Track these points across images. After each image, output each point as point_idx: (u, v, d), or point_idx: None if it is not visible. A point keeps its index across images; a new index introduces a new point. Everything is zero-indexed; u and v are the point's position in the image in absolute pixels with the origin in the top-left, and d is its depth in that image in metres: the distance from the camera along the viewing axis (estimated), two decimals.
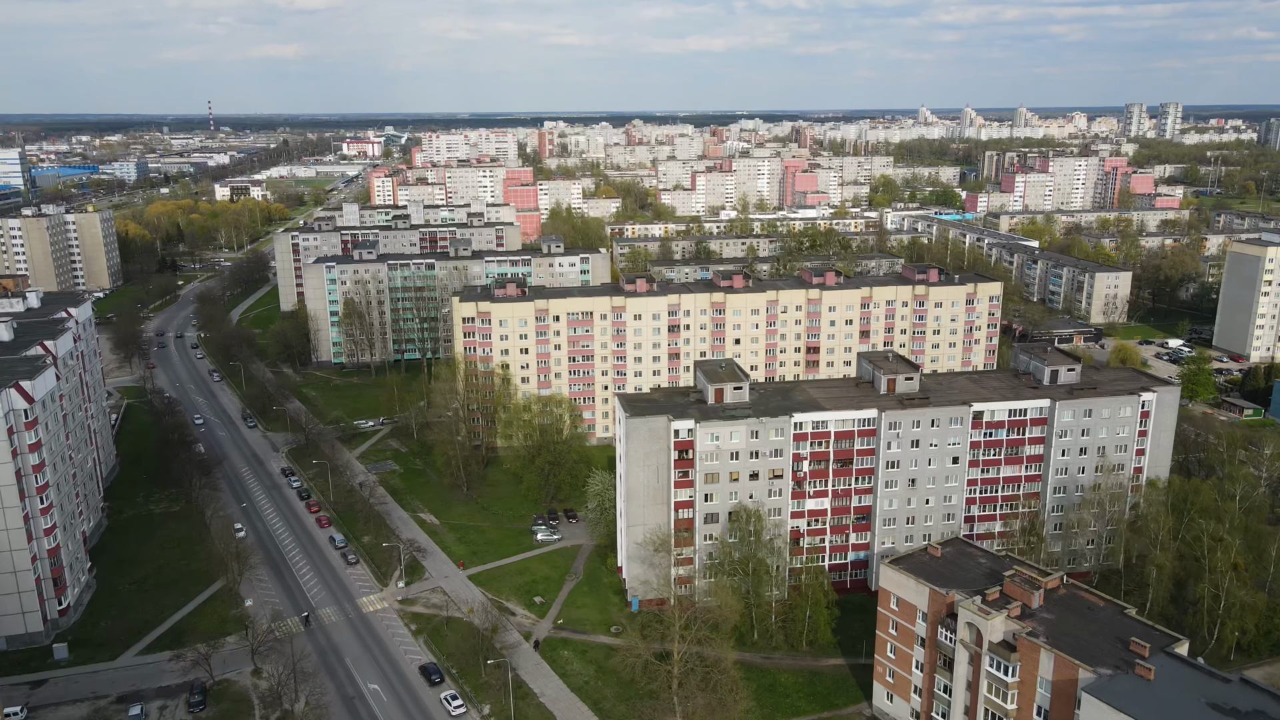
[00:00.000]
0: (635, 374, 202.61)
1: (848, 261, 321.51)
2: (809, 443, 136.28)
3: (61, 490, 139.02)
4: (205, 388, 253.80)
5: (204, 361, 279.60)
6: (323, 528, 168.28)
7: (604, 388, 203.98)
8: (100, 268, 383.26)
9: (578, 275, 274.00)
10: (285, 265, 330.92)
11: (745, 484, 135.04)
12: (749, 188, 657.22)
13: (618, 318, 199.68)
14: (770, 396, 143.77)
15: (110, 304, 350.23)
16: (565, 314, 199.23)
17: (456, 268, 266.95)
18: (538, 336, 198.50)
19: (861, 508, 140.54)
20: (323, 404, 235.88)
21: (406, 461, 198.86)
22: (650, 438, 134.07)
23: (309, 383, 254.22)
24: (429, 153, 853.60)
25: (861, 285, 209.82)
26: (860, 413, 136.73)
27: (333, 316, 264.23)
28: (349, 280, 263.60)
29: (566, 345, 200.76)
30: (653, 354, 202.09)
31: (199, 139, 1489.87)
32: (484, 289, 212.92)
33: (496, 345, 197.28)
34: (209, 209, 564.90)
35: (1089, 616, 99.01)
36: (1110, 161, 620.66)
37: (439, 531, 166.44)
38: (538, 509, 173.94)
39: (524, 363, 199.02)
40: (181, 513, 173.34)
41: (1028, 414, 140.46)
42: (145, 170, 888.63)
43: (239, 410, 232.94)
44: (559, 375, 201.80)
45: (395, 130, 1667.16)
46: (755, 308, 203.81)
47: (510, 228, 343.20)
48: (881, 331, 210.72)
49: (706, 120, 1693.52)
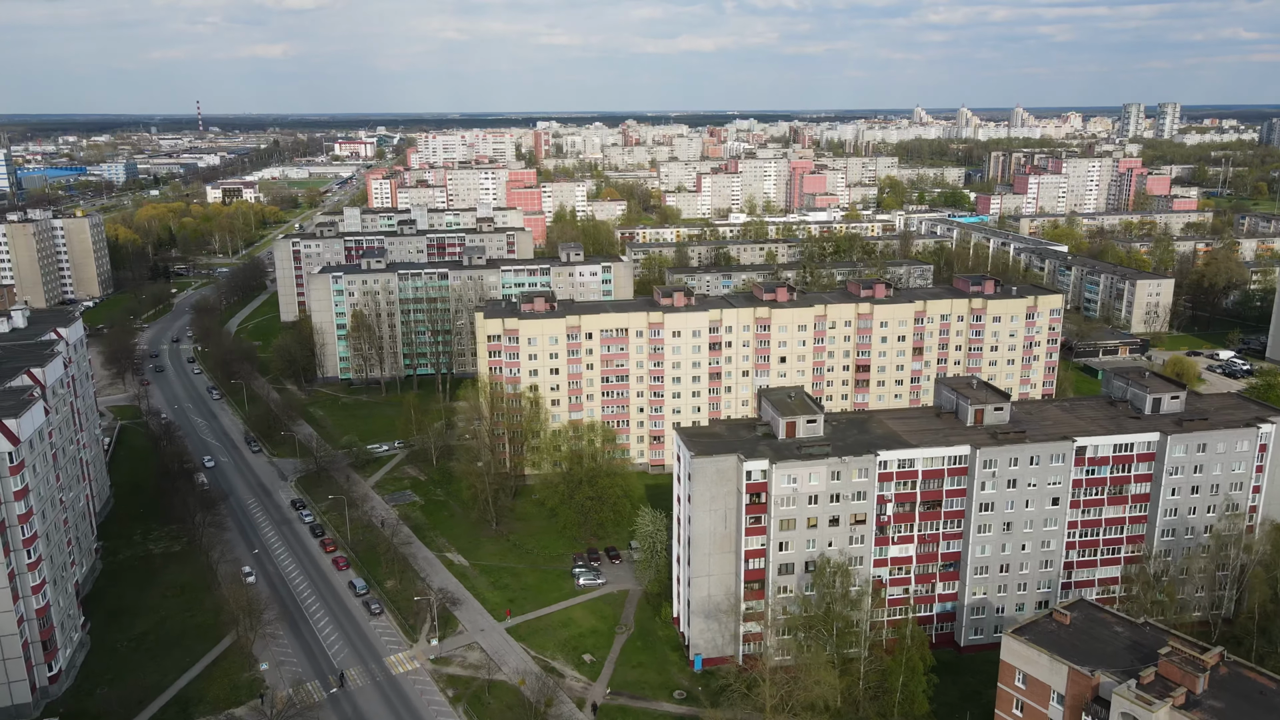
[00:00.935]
0: (674, 395, 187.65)
1: (876, 269, 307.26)
2: (894, 483, 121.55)
3: (51, 540, 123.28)
4: (204, 407, 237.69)
5: (201, 377, 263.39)
6: (340, 570, 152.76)
7: (639, 410, 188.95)
8: (90, 275, 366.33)
9: (599, 285, 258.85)
10: (285, 273, 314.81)
11: (824, 531, 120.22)
12: (755, 189, 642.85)
13: (655, 335, 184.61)
14: (846, 430, 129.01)
15: (101, 314, 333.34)
16: (599, 331, 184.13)
17: (471, 277, 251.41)
18: (569, 355, 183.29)
19: (950, 554, 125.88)
20: (332, 425, 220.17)
21: (427, 491, 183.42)
22: (718, 480, 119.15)
23: (315, 401, 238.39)
24: (425, 153, 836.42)
25: (914, 299, 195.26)
26: (951, 449, 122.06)
27: (340, 330, 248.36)
28: (357, 291, 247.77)
29: (599, 365, 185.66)
30: (692, 374, 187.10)
31: (188, 139, 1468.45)
32: (509, 303, 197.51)
33: (525, 365, 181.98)
34: (201, 212, 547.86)
35: (1262, 703, 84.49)
36: (1124, 163, 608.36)
37: (469, 574, 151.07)
38: (575, 547, 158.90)
39: (554, 384, 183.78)
40: (184, 553, 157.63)
41: (1134, 449, 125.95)
42: (134, 171, 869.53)
43: (242, 433, 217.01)
44: (591, 397, 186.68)
45: (387, 131, 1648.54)
46: (802, 323, 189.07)
47: (521, 233, 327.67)
48: (935, 348, 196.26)
49: (698, 120, 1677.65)
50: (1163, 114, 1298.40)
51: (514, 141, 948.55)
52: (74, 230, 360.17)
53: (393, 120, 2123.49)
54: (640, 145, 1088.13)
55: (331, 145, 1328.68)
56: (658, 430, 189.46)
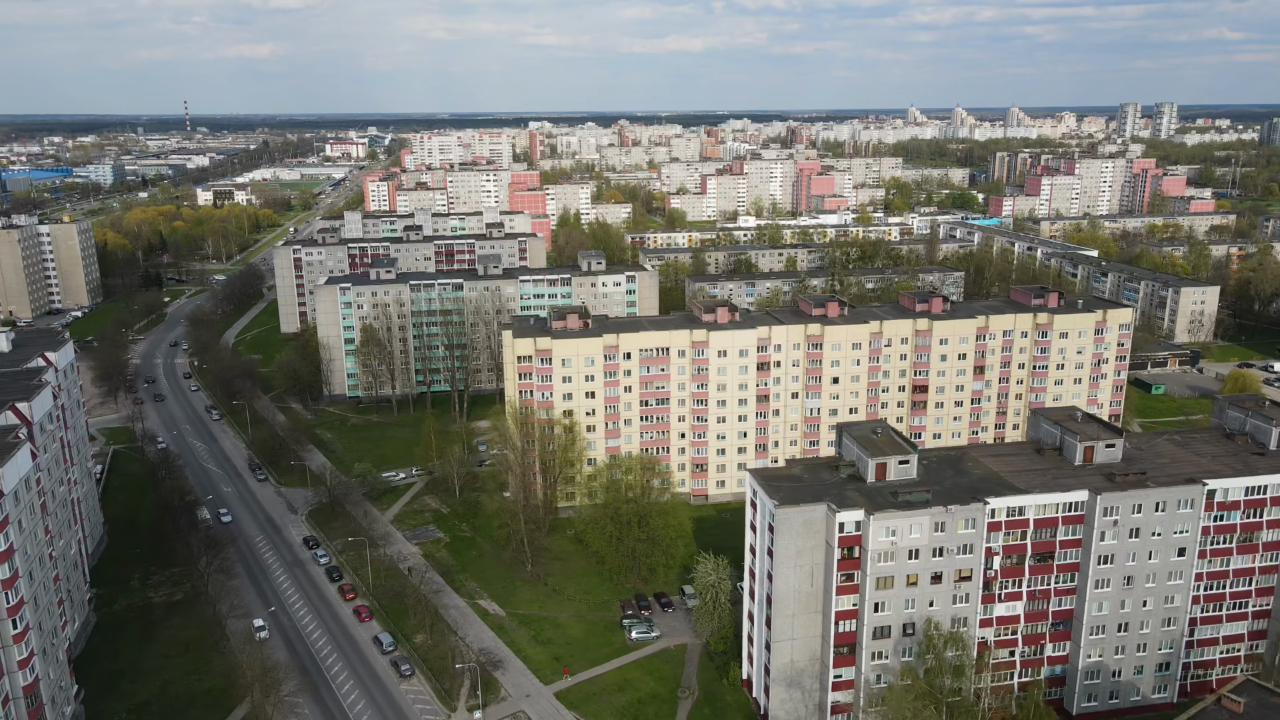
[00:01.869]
0: (718, 419, 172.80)
1: (906, 275, 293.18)
2: (1002, 534, 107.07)
3: (40, 603, 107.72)
4: (203, 428, 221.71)
5: (199, 395, 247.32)
6: (363, 622, 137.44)
7: (680, 435, 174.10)
8: (78, 283, 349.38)
9: (622, 297, 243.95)
10: (286, 282, 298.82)
11: (925, 589, 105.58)
12: (761, 191, 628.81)
13: (698, 354, 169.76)
14: (939, 470, 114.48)
15: (90, 324, 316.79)
16: (638, 351, 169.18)
17: (488, 288, 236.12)
18: (606, 378, 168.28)
19: (1062, 612, 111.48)
20: (342, 449, 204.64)
21: (451, 526, 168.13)
22: (806, 532, 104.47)
23: (323, 422, 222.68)
24: (420, 154, 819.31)
25: (974, 314, 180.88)
26: (1067, 495, 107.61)
27: (348, 345, 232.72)
28: (366, 303, 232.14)
29: (638, 387, 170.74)
30: (738, 396, 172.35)
31: (176, 140, 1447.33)
32: (537, 320, 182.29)
33: (558, 389, 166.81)
34: (193, 215, 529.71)
35: None
36: (1138, 163, 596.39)
37: (507, 627, 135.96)
38: (621, 592, 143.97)
39: (589, 408, 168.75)
40: (187, 602, 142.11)
41: (1268, 492, 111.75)
42: (122, 173, 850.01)
43: (245, 458, 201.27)
44: (629, 422, 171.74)
45: (379, 131, 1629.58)
46: (857, 341, 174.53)
47: (533, 240, 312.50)
48: (997, 366, 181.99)
49: (688, 120, 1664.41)
50: (1159, 114, 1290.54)
51: (510, 142, 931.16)
52: (61, 237, 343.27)
53: (382, 120, 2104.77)
54: (637, 146, 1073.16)
55: (322, 146, 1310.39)
56: (700, 458, 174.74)
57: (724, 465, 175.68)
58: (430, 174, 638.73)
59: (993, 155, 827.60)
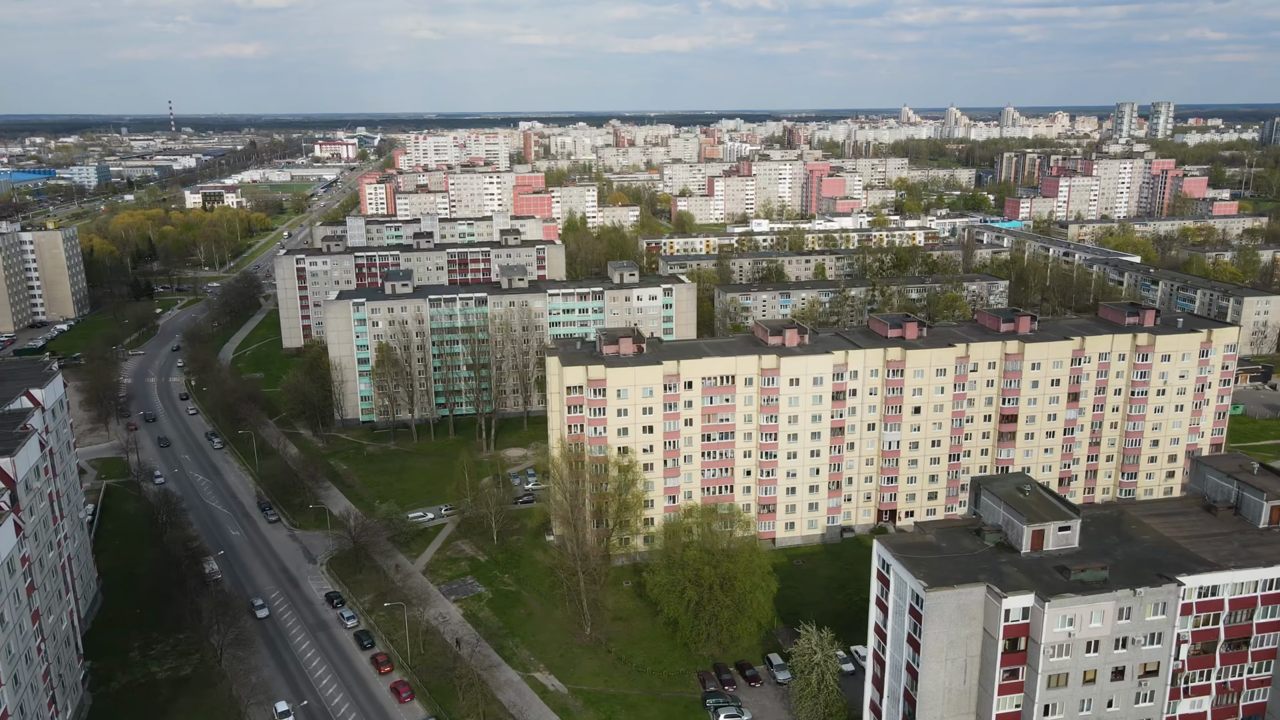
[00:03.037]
0: (788, 455, 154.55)
1: (951, 284, 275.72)
2: (1193, 618, 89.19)
3: (27, 712, 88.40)
4: (204, 459, 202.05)
5: (198, 419, 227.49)
6: (403, 702, 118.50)
7: (745, 473, 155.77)
8: (64, 294, 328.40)
9: (658, 312, 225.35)
10: (289, 294, 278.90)
11: (1105, 687, 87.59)
12: (769, 193, 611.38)
13: (768, 383, 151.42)
14: (1100, 536, 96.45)
15: (77, 338, 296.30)
16: (700, 379, 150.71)
17: (514, 303, 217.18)
18: (666, 410, 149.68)
19: (1254, 706, 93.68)
20: (360, 483, 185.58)
21: (492, 578, 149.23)
22: (959, 619, 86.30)
23: (336, 451, 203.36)
24: (415, 155, 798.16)
25: (1067, 334, 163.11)
26: (1269, 571, 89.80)
27: (361, 366, 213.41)
28: (381, 320, 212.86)
29: (700, 420, 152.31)
30: (811, 429, 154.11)
31: (160, 140, 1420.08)
32: (585, 344, 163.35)
33: (612, 423, 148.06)
34: (182, 220, 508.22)
35: None
36: (1158, 164, 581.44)
37: (571, 708, 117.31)
38: (697, 661, 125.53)
39: (647, 444, 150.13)
40: (196, 678, 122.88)
41: None
42: (107, 175, 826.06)
43: (253, 494, 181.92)
44: (689, 458, 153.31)
45: (368, 131, 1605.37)
46: (941, 366, 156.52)
47: (552, 247, 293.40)
48: (1091, 393, 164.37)
49: (678, 120, 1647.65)
50: (1156, 113, 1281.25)
51: (506, 142, 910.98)
52: (45, 245, 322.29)
53: (369, 120, 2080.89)
54: (634, 146, 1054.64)
55: (311, 146, 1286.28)
56: (768, 498, 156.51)
57: (793, 506, 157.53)
58: (428, 175, 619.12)
59: (998, 155, 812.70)
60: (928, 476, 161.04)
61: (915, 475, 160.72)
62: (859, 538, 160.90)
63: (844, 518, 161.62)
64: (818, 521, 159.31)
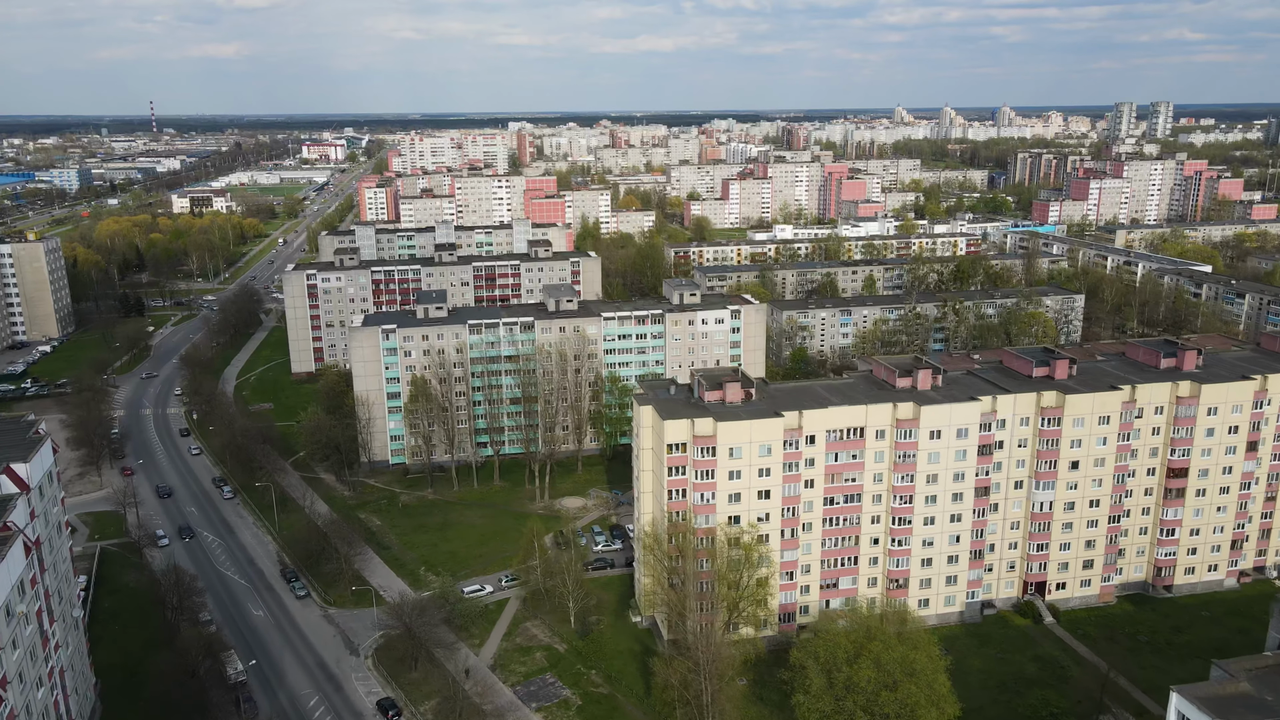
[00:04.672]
0: (925, 520, 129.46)
1: (1029, 301, 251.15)
2: None
3: None
4: (214, 512, 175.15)
5: (202, 460, 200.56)
6: None
7: (872, 542, 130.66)
8: (46, 311, 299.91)
9: (724, 337, 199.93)
10: (298, 313, 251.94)
11: None
12: (786, 196, 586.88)
13: (904, 436, 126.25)
14: None
15: (62, 361, 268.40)
16: (824, 433, 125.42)
17: (563, 328, 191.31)
18: (786, 471, 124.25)
19: None
20: (399, 543, 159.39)
21: (576, 674, 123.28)
22: None
23: (366, 501, 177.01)
24: (410, 157, 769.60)
25: (1242, 372, 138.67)
26: None
27: (392, 401, 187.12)
28: (415, 350, 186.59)
29: (822, 480, 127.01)
30: (952, 489, 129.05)
31: (142, 141, 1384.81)
32: (679, 389, 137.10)
33: (723, 488, 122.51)
34: (171, 226, 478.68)
35: None
36: (1190, 165, 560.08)
37: None
38: None
39: (762, 511, 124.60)
40: None
41: None
42: (88, 178, 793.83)
43: (274, 559, 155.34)
44: (808, 526, 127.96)
45: (355, 132, 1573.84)
46: (1105, 413, 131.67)
47: (588, 260, 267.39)
48: (1270, 440, 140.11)
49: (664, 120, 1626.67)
50: (1155, 113, 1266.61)
51: (505, 144, 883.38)
52: (25, 258, 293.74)
53: (353, 121, 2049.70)
54: (634, 147, 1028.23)
55: (298, 148, 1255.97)
56: (899, 570, 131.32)
57: (928, 579, 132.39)
58: (429, 179, 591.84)
59: (1010, 156, 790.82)
60: (1083, 542, 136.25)
61: (1069, 541, 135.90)
62: (1001, 614, 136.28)
63: (984, 591, 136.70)
64: (956, 597, 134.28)
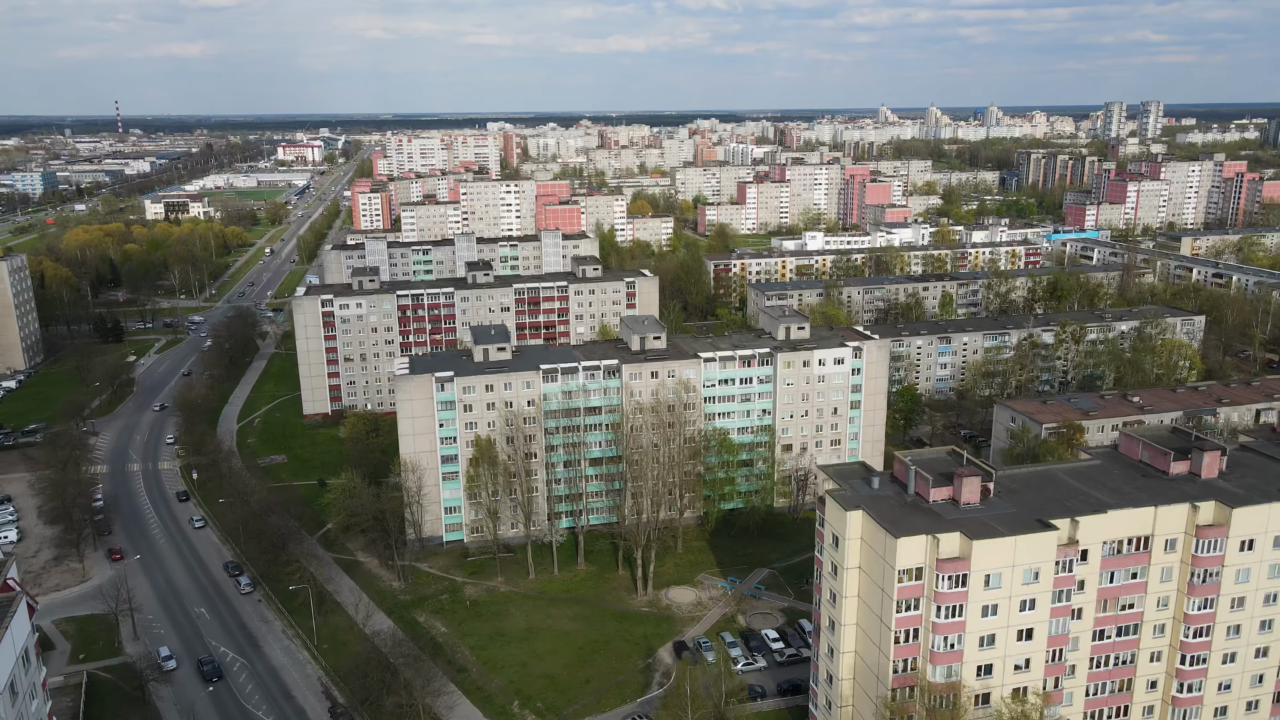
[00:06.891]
0: (1224, 657, 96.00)
1: (1152, 327, 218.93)
2: None
3: None
4: (231, 615, 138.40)
5: (205, 534, 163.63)
6: None
7: (1149, 686, 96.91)
8: (12, 340, 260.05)
9: (846, 380, 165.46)
10: (311, 345, 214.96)
11: None
12: (806, 200, 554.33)
13: (1206, 550, 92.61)
14: None
15: (31, 401, 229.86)
16: (1099, 545, 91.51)
17: (655, 373, 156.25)
18: (1054, 602, 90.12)
19: None
20: (477, 662, 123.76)
21: None
22: None
23: (423, 596, 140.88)
24: (397, 158, 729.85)
25: None
26: None
27: (446, 467, 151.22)
28: (476, 403, 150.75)
29: (1093, 611, 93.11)
30: (1262, 614, 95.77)
31: (108, 142, 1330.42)
32: (881, 480, 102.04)
33: (974, 628, 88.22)
34: (146, 235, 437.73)
35: None
36: (1230, 166, 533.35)
37: None
38: None
39: (1021, 658, 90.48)
40: None
41: None
42: (53, 181, 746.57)
43: (320, 694, 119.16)
44: (1072, 670, 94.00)
45: (330, 133, 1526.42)
46: None
47: (644, 279, 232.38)
48: None
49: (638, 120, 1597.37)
50: (1145, 113, 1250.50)
51: (493, 144, 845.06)
52: None
53: (324, 121, 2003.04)
54: (625, 148, 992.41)
55: (273, 149, 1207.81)
56: None
57: None
58: (421, 182, 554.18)
59: (1024, 157, 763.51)
60: None
61: None
62: None
63: None
64: None
